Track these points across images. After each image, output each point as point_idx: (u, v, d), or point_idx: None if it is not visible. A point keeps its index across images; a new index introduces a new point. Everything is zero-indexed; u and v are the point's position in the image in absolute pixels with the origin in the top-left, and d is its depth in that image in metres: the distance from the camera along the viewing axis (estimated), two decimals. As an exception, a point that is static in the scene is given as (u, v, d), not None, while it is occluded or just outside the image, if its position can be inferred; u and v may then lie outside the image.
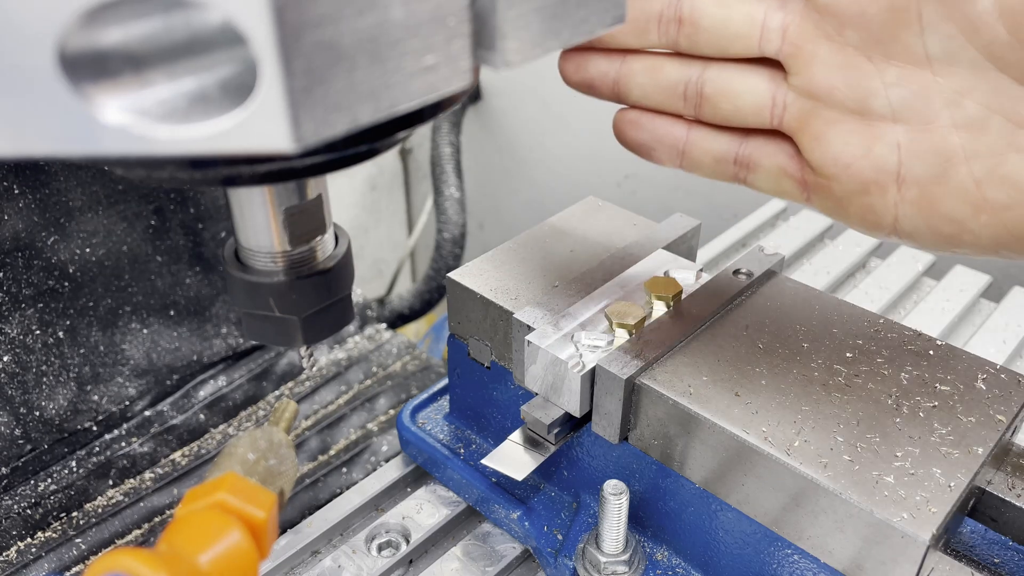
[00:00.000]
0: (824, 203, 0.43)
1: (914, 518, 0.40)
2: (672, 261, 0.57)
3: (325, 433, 0.78)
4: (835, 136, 0.40)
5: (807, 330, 0.51)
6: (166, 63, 0.26)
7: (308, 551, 0.60)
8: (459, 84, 0.29)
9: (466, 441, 0.63)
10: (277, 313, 0.42)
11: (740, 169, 0.45)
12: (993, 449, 0.44)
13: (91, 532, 0.68)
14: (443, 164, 1.23)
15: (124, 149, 0.25)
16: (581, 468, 0.56)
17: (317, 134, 0.25)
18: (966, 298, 0.80)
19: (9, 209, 0.67)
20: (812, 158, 0.41)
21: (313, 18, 0.24)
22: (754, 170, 0.44)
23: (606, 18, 0.34)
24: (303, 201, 0.40)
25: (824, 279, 0.82)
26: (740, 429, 0.45)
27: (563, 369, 0.48)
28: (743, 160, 0.44)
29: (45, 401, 0.71)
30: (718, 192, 1.15)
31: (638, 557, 0.52)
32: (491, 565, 0.58)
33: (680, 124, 0.45)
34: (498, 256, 0.59)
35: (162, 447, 0.75)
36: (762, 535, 0.46)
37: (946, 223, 0.39)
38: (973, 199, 0.38)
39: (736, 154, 0.44)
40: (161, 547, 0.34)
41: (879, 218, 0.41)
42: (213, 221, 0.80)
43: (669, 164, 0.47)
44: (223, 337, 0.82)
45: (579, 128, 1.27)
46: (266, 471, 0.40)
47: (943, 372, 0.48)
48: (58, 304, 0.71)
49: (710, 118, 0.44)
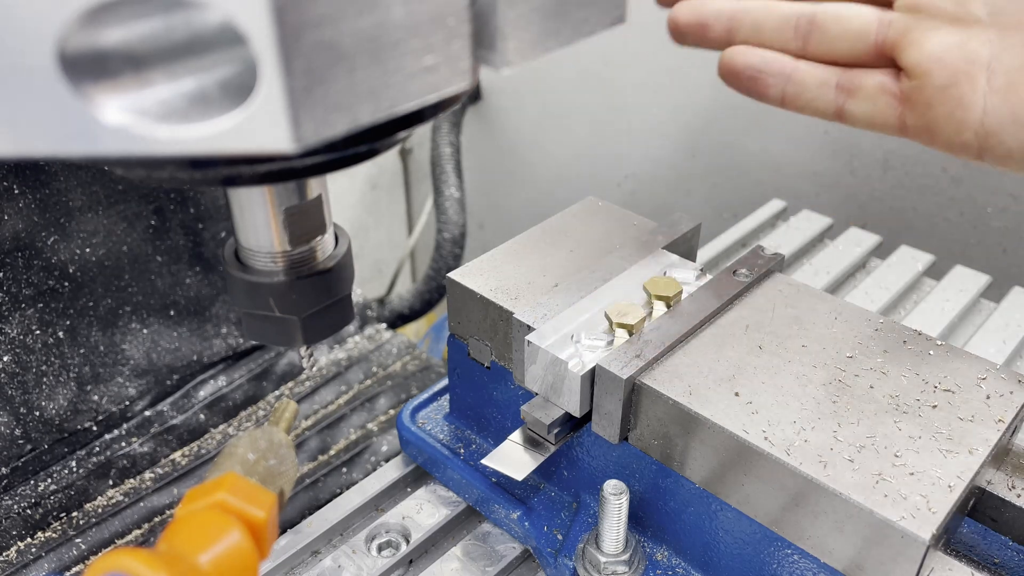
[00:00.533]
0: (915, 111, 0.45)
1: (914, 518, 0.40)
2: (672, 261, 0.57)
3: (325, 433, 0.78)
4: (933, 37, 0.44)
5: (807, 330, 0.51)
6: (166, 63, 0.26)
7: (308, 551, 0.60)
8: (459, 84, 0.29)
9: (466, 441, 0.63)
10: (277, 313, 0.42)
11: (841, 94, 0.48)
12: (993, 449, 0.44)
13: (91, 532, 0.68)
14: (443, 164, 1.22)
15: (124, 149, 0.25)
16: (581, 468, 0.56)
17: (317, 134, 0.25)
18: (966, 298, 0.80)
19: (9, 209, 0.67)
20: (909, 61, 0.45)
21: (313, 18, 0.24)
22: (855, 93, 0.47)
23: (606, 18, 0.34)
24: (303, 201, 0.40)
25: (824, 279, 0.82)
26: (740, 429, 0.45)
27: (563, 369, 0.48)
28: (845, 84, 0.48)
29: (45, 401, 0.71)
30: (718, 192, 1.15)
31: (638, 557, 0.52)
32: (491, 565, 0.58)
33: (787, 57, 0.49)
34: (498, 256, 0.59)
35: (162, 447, 0.75)
36: (762, 535, 0.46)
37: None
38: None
39: (839, 80, 0.48)
40: (161, 547, 0.34)
41: (967, 112, 0.43)
42: (213, 221, 0.80)
43: (772, 91, 0.49)
44: (223, 337, 0.82)
45: (579, 128, 1.27)
46: (266, 471, 0.40)
47: (943, 372, 0.48)
48: (58, 304, 0.71)
49: (816, 46, 0.48)
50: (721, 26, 0.49)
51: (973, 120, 0.43)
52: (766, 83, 0.49)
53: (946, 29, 0.44)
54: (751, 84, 0.50)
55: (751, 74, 0.50)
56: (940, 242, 0.97)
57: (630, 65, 1.14)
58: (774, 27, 0.49)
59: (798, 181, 1.06)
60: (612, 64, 1.16)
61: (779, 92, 0.49)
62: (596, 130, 1.24)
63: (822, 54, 0.48)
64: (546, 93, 1.29)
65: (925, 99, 0.45)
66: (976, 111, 0.43)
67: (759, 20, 0.49)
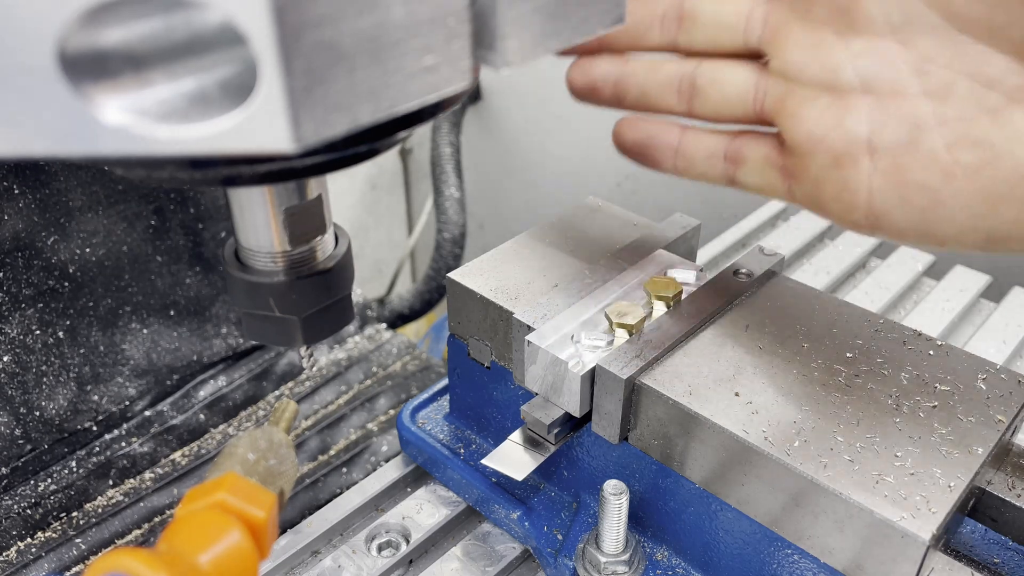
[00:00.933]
0: (803, 188, 0.44)
1: (914, 518, 0.40)
2: (672, 261, 0.57)
3: (325, 433, 0.78)
4: (809, 112, 0.42)
5: (807, 330, 0.51)
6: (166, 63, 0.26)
7: (308, 551, 0.60)
8: (459, 84, 0.29)
9: (466, 441, 0.63)
10: (277, 313, 0.42)
11: (729, 165, 0.47)
12: (993, 449, 0.44)
13: (91, 532, 0.68)
14: (443, 164, 1.22)
15: (124, 149, 0.25)
16: (581, 468, 0.56)
17: (317, 134, 0.25)
18: (966, 298, 0.80)
19: (9, 209, 0.67)
20: (790, 137, 0.43)
21: (313, 18, 0.24)
22: (742, 164, 0.46)
23: (606, 18, 0.34)
24: (303, 201, 0.40)
25: (824, 279, 0.82)
26: (740, 429, 0.45)
27: (563, 369, 0.48)
28: (732, 155, 0.47)
29: (45, 401, 0.71)
30: (718, 192, 1.15)
31: (638, 557, 0.52)
32: (491, 565, 0.58)
33: (674, 127, 0.49)
34: (498, 256, 0.59)
35: (162, 447, 0.75)
36: (762, 535, 0.46)
37: (919, 192, 0.40)
38: (945, 164, 0.39)
39: (726, 150, 0.47)
40: (161, 547, 0.34)
41: (854, 195, 0.41)
42: (213, 221, 0.80)
43: (664, 164, 0.49)
44: (223, 337, 0.82)
45: (579, 128, 1.27)
46: (266, 471, 0.40)
47: (943, 372, 0.48)
48: (58, 304, 0.71)
49: (700, 109, 0.47)
50: (608, 89, 0.48)
51: (861, 202, 0.41)
52: (655, 158, 0.49)
53: (822, 101, 0.41)
54: (643, 158, 0.49)
55: (640, 150, 0.49)
56: (940, 242, 0.97)
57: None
58: (658, 91, 0.47)
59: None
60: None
61: (671, 165, 0.48)
62: (596, 130, 1.24)
63: (708, 116, 0.47)
64: (546, 93, 1.29)
65: (810, 177, 0.43)
66: (863, 193, 0.41)
67: (643, 83, 0.47)
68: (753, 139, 0.46)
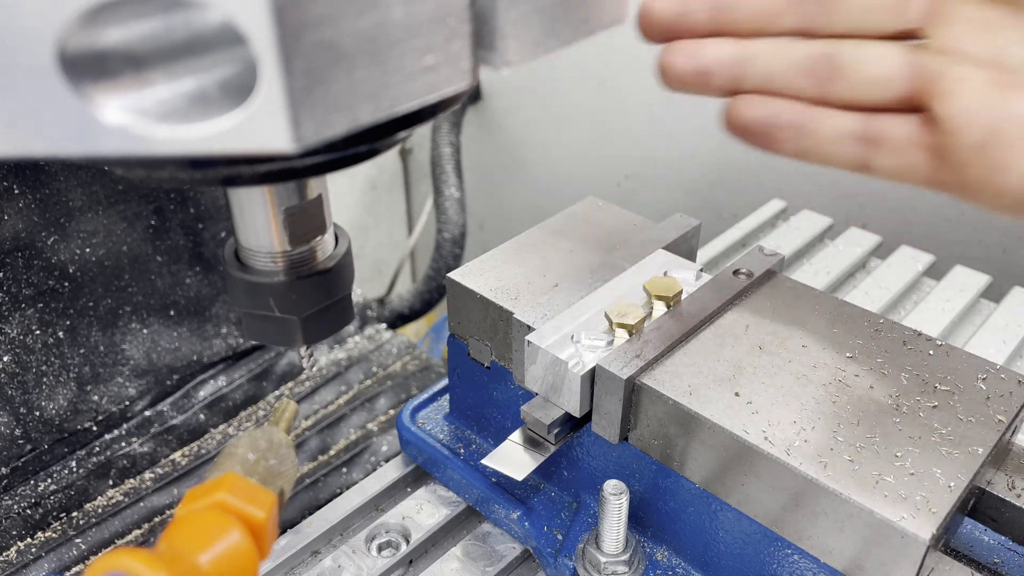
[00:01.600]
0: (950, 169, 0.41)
1: (914, 518, 0.40)
2: (672, 261, 0.57)
3: (325, 433, 0.78)
4: (968, 88, 0.39)
5: (807, 330, 0.51)
6: (166, 63, 0.26)
7: (308, 551, 0.60)
8: (459, 84, 0.29)
9: (466, 441, 0.63)
10: (277, 313, 0.42)
11: (865, 147, 0.43)
12: (993, 449, 0.44)
13: (91, 532, 0.68)
14: (443, 164, 1.22)
15: (124, 149, 0.25)
16: (581, 468, 0.56)
17: (317, 134, 0.25)
18: (966, 298, 0.80)
19: (9, 209, 0.67)
20: (941, 113, 0.40)
21: (313, 18, 0.24)
22: (881, 146, 0.43)
23: (606, 18, 0.34)
24: (303, 201, 0.40)
25: (824, 279, 0.82)
26: (740, 429, 0.45)
27: (563, 369, 0.48)
28: (871, 136, 0.43)
29: (45, 401, 0.71)
30: (718, 192, 1.15)
31: (638, 557, 0.52)
32: (491, 565, 0.58)
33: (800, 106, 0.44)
34: (498, 256, 0.59)
35: (162, 447, 0.75)
36: (762, 535, 0.46)
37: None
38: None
39: (862, 130, 0.43)
40: (161, 547, 0.34)
41: (1005, 176, 0.39)
42: (213, 221, 0.80)
43: (785, 146, 0.44)
44: (223, 337, 0.82)
45: (579, 128, 1.27)
46: (266, 471, 0.40)
47: (943, 372, 0.48)
48: (58, 304, 0.71)
49: (838, 92, 0.43)
50: (726, 74, 0.43)
51: (1013, 185, 0.39)
52: (778, 138, 0.44)
53: (982, 77, 0.39)
54: (762, 139, 0.44)
55: (762, 130, 0.44)
56: (940, 242, 0.97)
57: (630, 65, 1.14)
58: (788, 73, 0.43)
59: (798, 181, 1.06)
60: (612, 64, 1.16)
61: (793, 146, 0.44)
62: (596, 130, 1.24)
63: (844, 100, 0.43)
64: (546, 93, 1.29)
65: (959, 158, 0.40)
66: (1016, 176, 0.39)
67: (770, 66, 0.43)
68: (895, 118, 0.42)
